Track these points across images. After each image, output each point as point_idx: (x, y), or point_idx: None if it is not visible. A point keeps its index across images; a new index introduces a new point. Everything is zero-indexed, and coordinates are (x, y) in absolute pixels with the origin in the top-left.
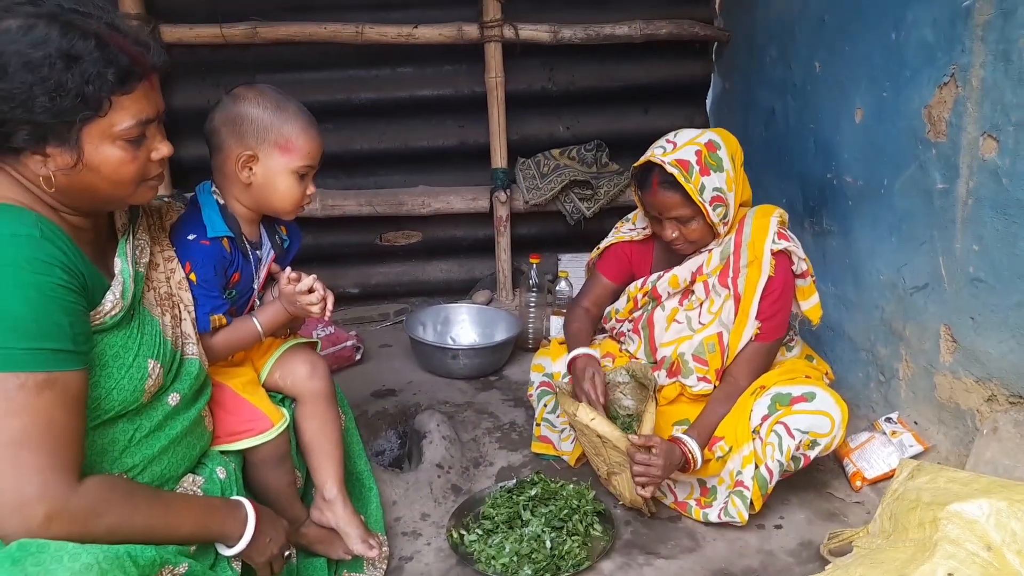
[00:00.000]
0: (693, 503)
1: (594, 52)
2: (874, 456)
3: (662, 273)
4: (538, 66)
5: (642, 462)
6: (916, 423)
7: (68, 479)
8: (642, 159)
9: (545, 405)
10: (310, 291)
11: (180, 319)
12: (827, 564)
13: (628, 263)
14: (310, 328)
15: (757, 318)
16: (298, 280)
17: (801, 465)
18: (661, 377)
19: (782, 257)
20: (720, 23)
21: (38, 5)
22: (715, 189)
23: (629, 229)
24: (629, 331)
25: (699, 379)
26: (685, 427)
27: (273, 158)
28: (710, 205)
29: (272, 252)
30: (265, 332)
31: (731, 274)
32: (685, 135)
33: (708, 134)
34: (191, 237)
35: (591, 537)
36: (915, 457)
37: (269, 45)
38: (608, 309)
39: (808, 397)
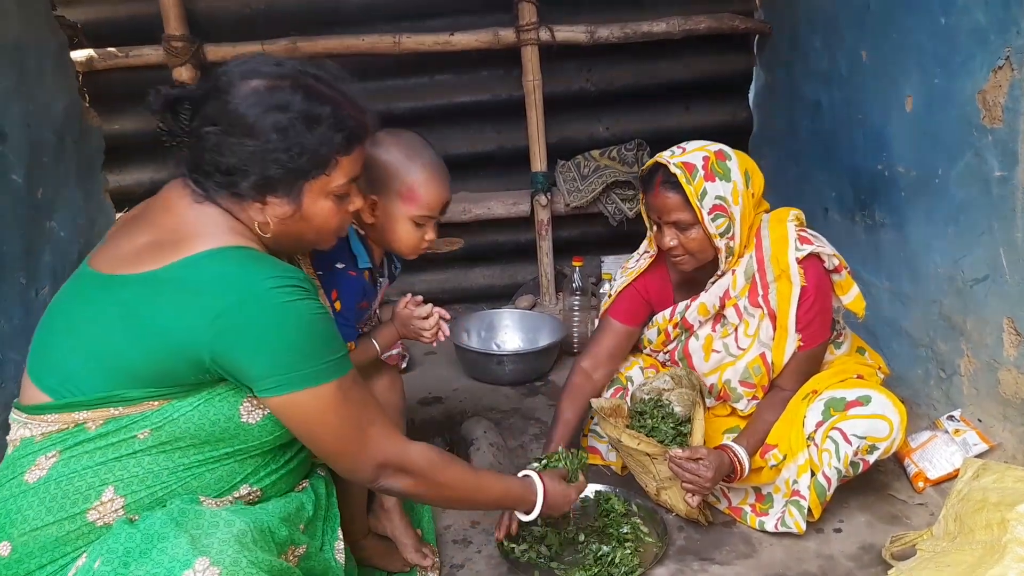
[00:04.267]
0: (748, 509)
1: (632, 50)
2: (936, 456)
3: (688, 303)
4: (575, 67)
5: (691, 471)
6: (980, 420)
7: (404, 440)
8: (649, 162)
9: (592, 417)
10: (427, 316)
11: None
12: (889, 568)
13: (644, 301)
14: None
15: (797, 330)
16: (418, 305)
17: (860, 470)
18: (709, 402)
19: (810, 261)
20: (761, 15)
21: (282, 66)
22: (718, 198)
23: (636, 261)
24: (667, 361)
25: (750, 400)
26: (736, 435)
27: (394, 204)
28: (709, 214)
29: (388, 280)
30: (381, 351)
31: (760, 292)
32: (698, 143)
33: (721, 145)
34: (340, 266)
35: (643, 543)
36: (980, 456)
37: (309, 59)
38: (642, 338)
39: (863, 401)
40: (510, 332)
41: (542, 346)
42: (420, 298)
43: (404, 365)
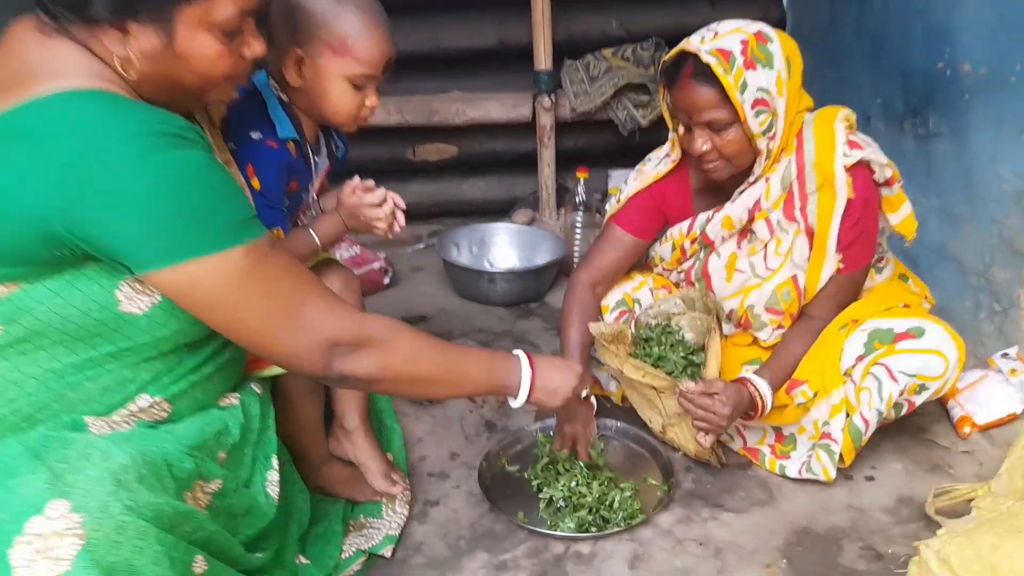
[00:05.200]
0: (767, 450)
1: None
2: (987, 398)
3: (711, 214)
4: None
5: (704, 407)
6: None
7: (354, 311)
8: (674, 50)
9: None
10: (379, 204)
11: None
12: (936, 527)
13: (659, 210)
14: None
15: (837, 250)
16: (368, 190)
17: (903, 412)
18: (727, 328)
19: (859, 170)
20: None
21: None
22: (760, 90)
23: (655, 165)
24: (681, 281)
25: (775, 330)
26: (757, 368)
27: (324, 60)
28: (751, 109)
29: (328, 161)
30: (322, 246)
31: (798, 204)
32: (731, 23)
33: (760, 24)
34: (256, 136)
35: (648, 485)
36: None
37: None
38: (652, 254)
39: (916, 332)
40: (504, 249)
41: (539, 264)
42: (370, 182)
43: (387, 281)
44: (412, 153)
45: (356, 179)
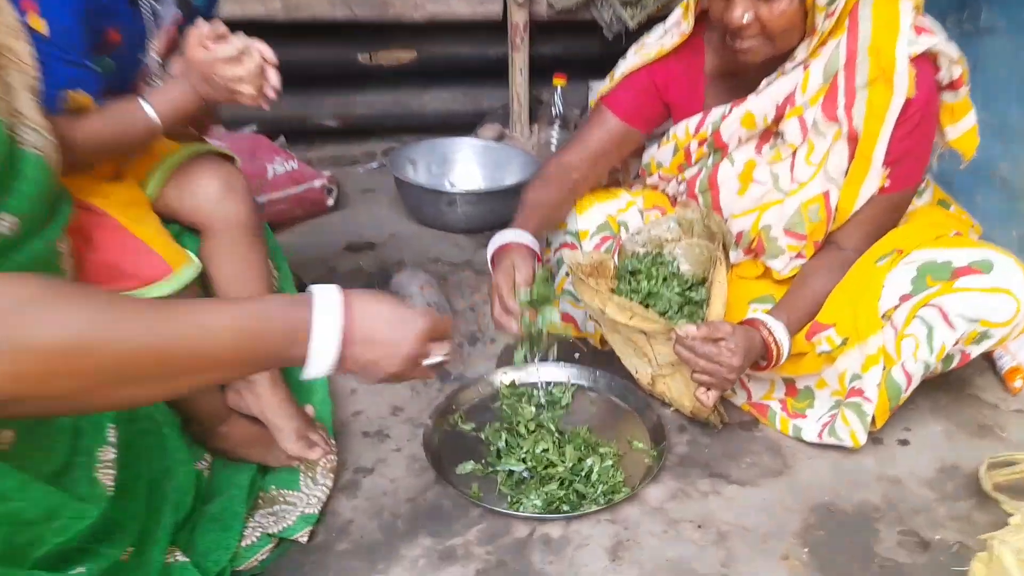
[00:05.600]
0: (776, 407)
1: None
2: None
3: (727, 109)
4: None
5: (708, 356)
6: None
7: None
8: None
9: (567, 274)
10: (238, 59)
11: (9, 87)
12: (994, 507)
13: (660, 97)
14: (259, 157)
15: (885, 164)
16: (219, 38)
17: (954, 365)
18: (733, 256)
19: (924, 63)
20: None
21: None
22: None
23: (658, 37)
24: (681, 193)
25: (793, 258)
26: (769, 307)
27: None
28: None
29: (177, 8)
30: (163, 124)
31: (842, 100)
32: None
33: None
34: None
35: (634, 449)
36: None
37: None
38: (647, 159)
39: (982, 267)
40: (468, 167)
41: (507, 185)
42: (223, 28)
43: (330, 202)
44: (368, 58)
45: (203, 26)
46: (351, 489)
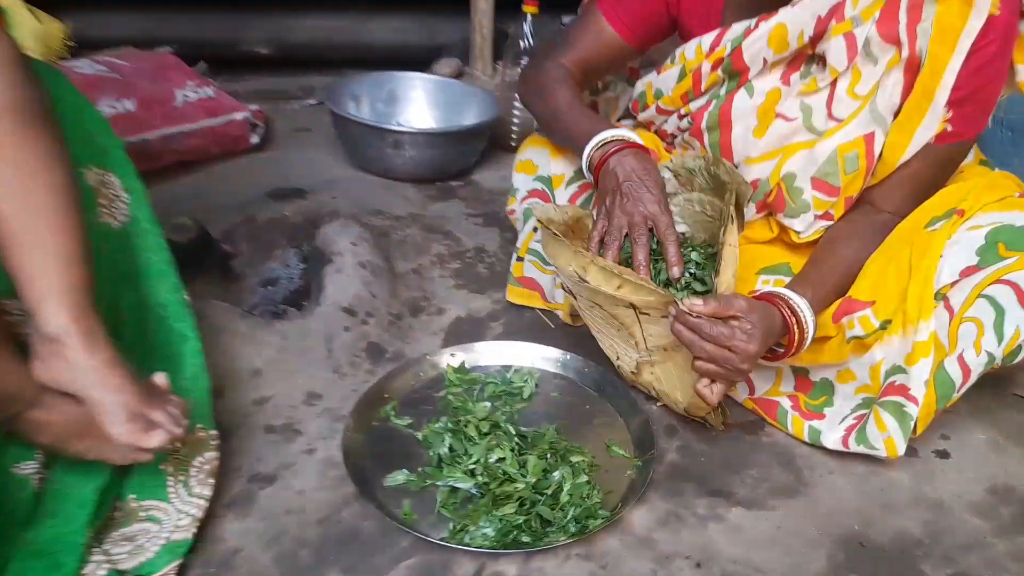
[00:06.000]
0: (786, 403)
1: None
2: None
3: (752, 23)
4: None
5: (718, 339)
6: None
7: None
8: None
9: (535, 229)
10: None
11: None
12: None
13: (666, 9)
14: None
15: (948, 103)
16: None
17: (1020, 359)
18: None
19: None
20: None
21: None
22: None
23: None
24: (683, 132)
25: (819, 218)
26: (785, 279)
27: None
28: None
29: None
30: None
31: (905, 16)
32: None
33: None
34: None
35: (613, 456)
36: None
37: None
38: (640, 87)
39: None
40: (420, 107)
41: (464, 127)
42: None
43: (255, 140)
44: None
45: None
46: (242, 505)
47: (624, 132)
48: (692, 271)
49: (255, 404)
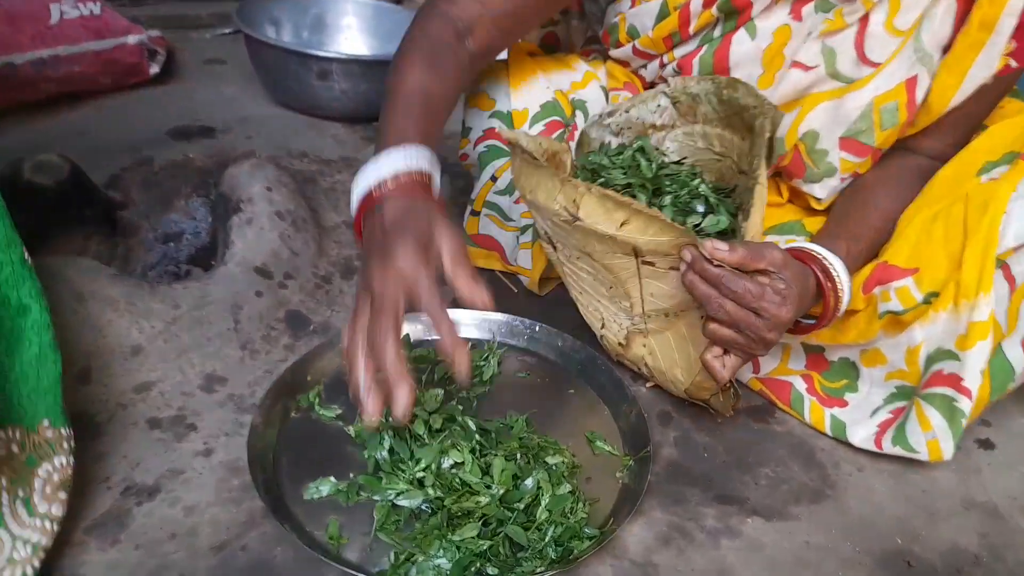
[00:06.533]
0: (800, 385)
1: None
2: None
3: None
4: None
5: (741, 299)
6: None
7: None
8: None
9: (494, 178)
10: None
11: None
12: None
13: None
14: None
15: (1016, 33)
16: None
17: None
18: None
19: None
20: None
21: None
22: None
23: None
24: (670, 78)
25: (844, 180)
26: (794, 239)
27: None
28: None
29: None
30: None
31: None
32: None
33: None
34: None
35: (597, 452)
36: None
37: None
38: (612, 19)
39: None
40: (352, 35)
41: None
42: None
43: (154, 69)
44: None
45: None
46: (111, 528)
47: (413, 151)
48: (701, 209)
49: (134, 392)
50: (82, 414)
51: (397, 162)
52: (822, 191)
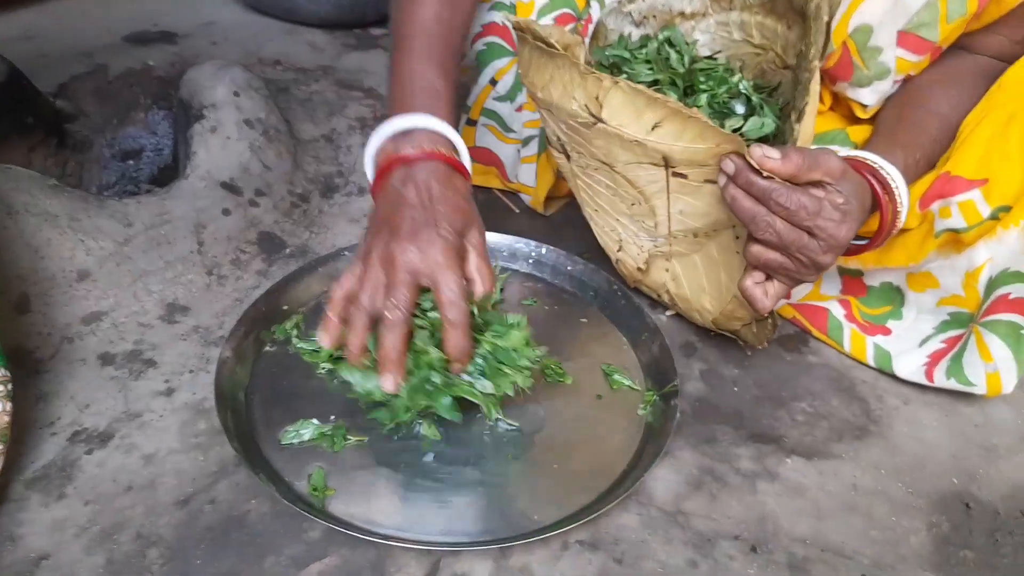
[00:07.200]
0: (839, 313)
1: None
2: None
3: None
4: None
5: (793, 215)
6: None
7: None
8: None
9: (493, 82)
10: None
11: None
12: None
13: None
14: None
15: None
16: None
17: None
18: None
19: None
20: None
21: None
22: None
23: None
24: None
25: (897, 83)
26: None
27: None
28: None
29: None
30: None
31: None
32: None
33: None
34: None
35: (615, 388)
36: None
37: None
38: None
39: None
40: None
41: None
42: None
43: None
44: None
45: None
46: (56, 481)
47: (442, 125)
48: (741, 111)
49: (82, 323)
50: (20, 349)
51: (430, 122)
52: (871, 97)
